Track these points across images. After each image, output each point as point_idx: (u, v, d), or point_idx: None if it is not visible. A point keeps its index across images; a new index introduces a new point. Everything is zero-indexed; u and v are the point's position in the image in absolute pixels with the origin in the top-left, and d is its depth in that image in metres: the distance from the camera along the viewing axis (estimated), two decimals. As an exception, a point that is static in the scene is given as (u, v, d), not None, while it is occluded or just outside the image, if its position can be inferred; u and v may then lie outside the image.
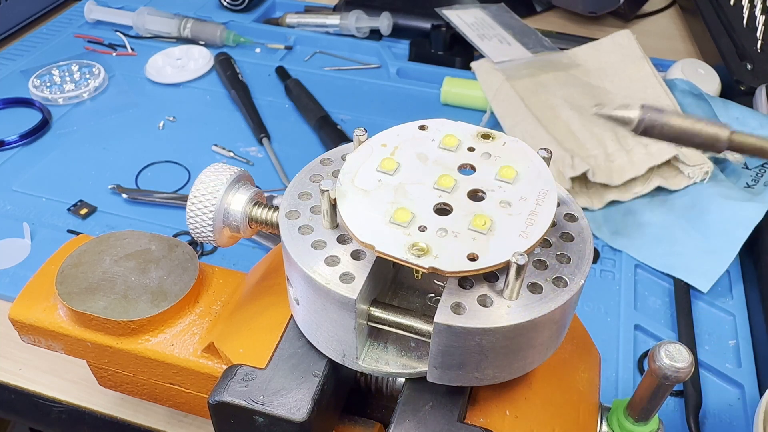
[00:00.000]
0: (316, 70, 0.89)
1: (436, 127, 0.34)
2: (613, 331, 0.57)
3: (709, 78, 0.80)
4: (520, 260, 0.26)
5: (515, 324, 0.27)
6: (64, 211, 0.67)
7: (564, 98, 0.74)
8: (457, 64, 0.89)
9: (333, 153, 0.36)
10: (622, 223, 0.66)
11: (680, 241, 0.63)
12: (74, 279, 0.41)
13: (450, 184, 0.30)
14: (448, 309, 0.28)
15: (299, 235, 0.31)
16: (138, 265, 0.42)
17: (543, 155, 0.32)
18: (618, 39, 0.81)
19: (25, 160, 0.74)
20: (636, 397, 0.34)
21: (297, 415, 0.30)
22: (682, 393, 0.52)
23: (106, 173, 0.72)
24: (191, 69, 0.87)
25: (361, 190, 0.30)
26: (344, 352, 0.31)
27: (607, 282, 0.61)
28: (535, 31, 0.89)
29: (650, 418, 0.35)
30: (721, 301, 0.60)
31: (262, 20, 0.99)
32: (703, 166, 0.66)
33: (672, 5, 1.08)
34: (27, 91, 0.83)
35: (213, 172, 0.37)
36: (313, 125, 0.78)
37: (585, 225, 0.32)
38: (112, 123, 0.80)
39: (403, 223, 0.29)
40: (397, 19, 0.94)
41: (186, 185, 0.71)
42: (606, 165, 0.67)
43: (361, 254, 0.30)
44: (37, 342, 0.43)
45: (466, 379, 0.30)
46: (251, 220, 0.37)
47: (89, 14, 0.97)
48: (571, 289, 0.29)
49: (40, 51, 0.92)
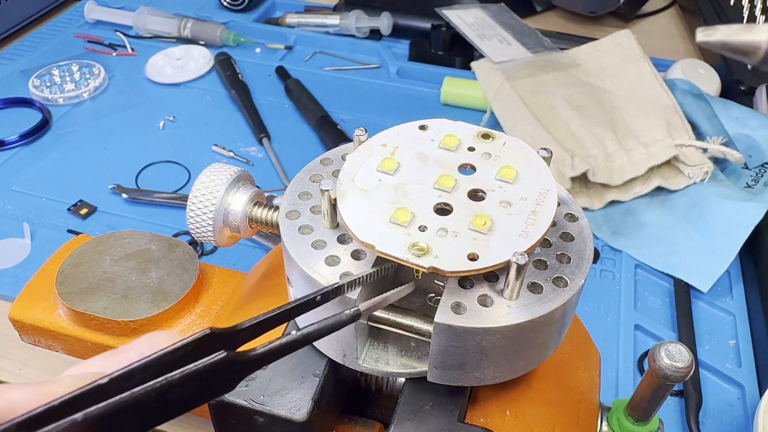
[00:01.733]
0: (316, 70, 0.89)
1: (436, 127, 0.34)
2: (613, 331, 0.57)
3: (709, 78, 0.80)
4: (520, 260, 0.26)
5: (515, 324, 0.27)
6: (64, 211, 0.67)
7: (564, 98, 0.74)
8: (457, 64, 0.89)
9: (333, 153, 0.36)
10: (622, 223, 0.66)
11: (680, 241, 0.63)
12: (74, 279, 0.41)
13: (450, 184, 0.30)
14: (448, 309, 0.28)
15: (299, 234, 0.31)
16: (138, 265, 0.42)
17: (543, 155, 0.32)
18: (618, 39, 0.81)
19: (25, 160, 0.74)
20: (636, 397, 0.34)
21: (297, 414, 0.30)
22: (682, 393, 0.52)
23: (106, 173, 0.72)
24: (191, 69, 0.87)
25: (361, 190, 0.30)
26: (344, 351, 0.31)
27: (607, 282, 0.61)
28: (535, 31, 0.89)
29: (650, 417, 0.35)
30: (721, 301, 0.60)
31: (262, 20, 0.99)
32: (703, 166, 0.66)
33: (672, 5, 1.08)
34: (27, 91, 0.83)
35: (213, 172, 0.37)
36: (313, 125, 0.78)
37: (585, 225, 0.32)
38: (112, 123, 0.80)
39: (404, 223, 0.29)
40: (397, 19, 0.94)
41: (186, 185, 0.71)
42: (606, 165, 0.67)
43: (361, 254, 0.30)
44: (37, 342, 0.43)
45: (466, 378, 0.30)
46: (251, 220, 0.37)
47: (89, 14, 0.97)
48: (571, 289, 0.29)
49: (40, 51, 0.92)
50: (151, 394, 0.19)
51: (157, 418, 0.20)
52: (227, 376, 0.22)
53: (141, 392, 0.19)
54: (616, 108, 0.74)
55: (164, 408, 0.20)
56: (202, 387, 0.21)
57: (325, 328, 0.24)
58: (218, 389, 0.22)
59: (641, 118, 0.71)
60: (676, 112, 0.72)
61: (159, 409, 0.20)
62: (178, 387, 0.20)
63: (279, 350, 0.23)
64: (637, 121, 0.71)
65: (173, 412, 0.21)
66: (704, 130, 0.72)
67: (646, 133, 0.69)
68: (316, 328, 0.24)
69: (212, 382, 0.21)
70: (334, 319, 0.25)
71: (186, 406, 0.21)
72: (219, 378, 0.21)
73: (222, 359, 0.21)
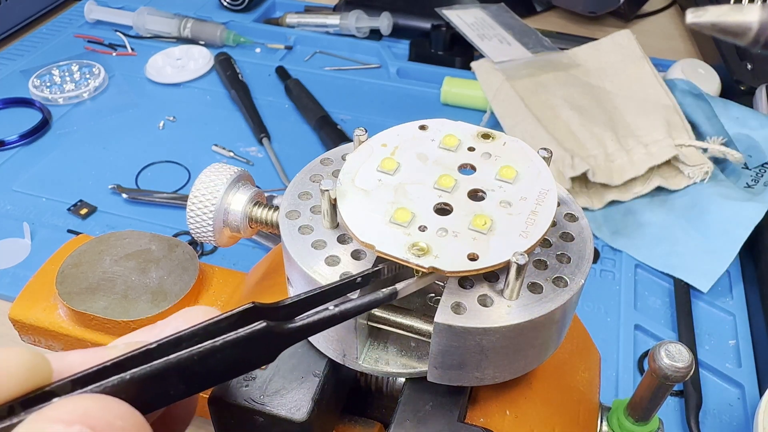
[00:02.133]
0: (316, 70, 0.89)
1: (436, 127, 0.34)
2: (613, 331, 0.57)
3: (709, 78, 0.80)
4: (520, 260, 0.26)
5: (515, 324, 0.27)
6: (64, 211, 0.67)
7: (564, 98, 0.74)
8: (457, 64, 0.89)
9: (333, 153, 0.36)
10: (622, 223, 0.66)
11: (680, 241, 0.63)
12: (74, 279, 0.41)
13: (450, 183, 0.30)
14: (448, 309, 0.28)
15: (299, 234, 0.31)
16: (138, 265, 0.42)
17: (543, 155, 0.32)
18: (618, 39, 0.81)
19: (25, 160, 0.74)
20: (636, 397, 0.34)
21: (297, 415, 0.30)
22: (682, 393, 0.52)
23: (106, 173, 0.72)
24: (191, 69, 0.87)
25: (361, 190, 0.30)
26: (344, 351, 0.31)
27: (607, 282, 0.61)
28: (535, 31, 0.89)
29: (650, 418, 0.35)
30: (721, 301, 0.60)
31: (262, 20, 0.99)
32: (703, 166, 0.66)
33: (672, 5, 1.08)
34: (27, 91, 0.83)
35: (213, 172, 0.37)
36: (313, 125, 0.78)
37: (585, 225, 0.32)
38: (112, 123, 0.80)
39: (404, 223, 0.29)
40: (397, 19, 0.94)
41: (186, 185, 0.71)
42: (606, 165, 0.67)
43: (361, 254, 0.30)
44: (37, 342, 0.43)
45: (466, 378, 0.30)
46: (251, 220, 0.37)
47: (89, 14, 0.97)
48: (571, 289, 0.29)
49: (40, 51, 0.92)
50: (194, 358, 0.21)
51: (199, 382, 0.21)
52: (266, 347, 0.23)
53: (184, 356, 0.20)
54: (616, 108, 0.74)
55: (206, 373, 0.21)
56: (243, 355, 0.22)
57: (362, 305, 0.25)
58: (258, 359, 0.23)
59: (641, 118, 0.71)
60: (676, 112, 0.72)
61: (201, 374, 0.21)
62: (219, 353, 0.21)
63: (317, 324, 0.24)
64: (637, 121, 0.71)
65: (215, 378, 0.22)
66: (704, 130, 0.72)
67: (646, 133, 0.69)
68: (353, 305, 0.25)
69: (252, 351, 0.22)
70: (372, 297, 0.26)
71: (227, 373, 0.22)
72: (258, 348, 0.22)
73: (262, 329, 0.22)
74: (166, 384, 0.21)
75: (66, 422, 0.17)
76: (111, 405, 0.19)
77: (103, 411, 0.18)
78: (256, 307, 0.23)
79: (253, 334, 0.22)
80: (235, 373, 0.23)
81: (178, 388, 0.21)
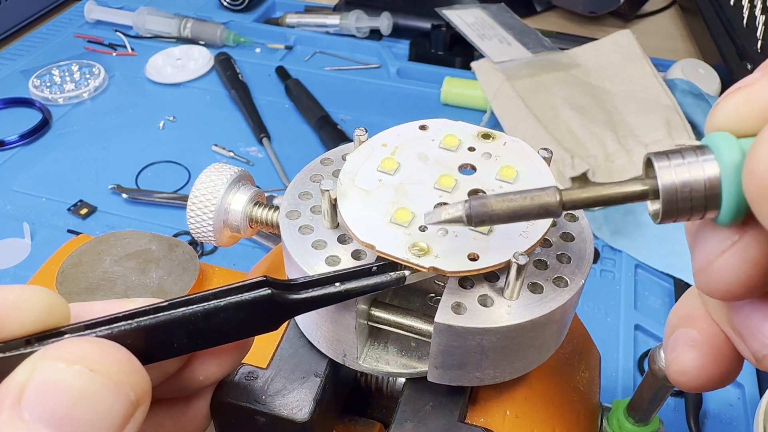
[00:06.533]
0: (316, 70, 0.89)
1: (436, 127, 0.34)
2: (613, 331, 0.57)
3: (709, 78, 0.80)
4: (520, 260, 0.26)
5: (516, 324, 0.27)
6: (64, 211, 0.67)
7: (564, 98, 0.74)
8: (457, 64, 0.89)
9: (333, 153, 0.36)
10: (622, 223, 0.66)
11: (680, 241, 0.63)
12: (74, 279, 0.41)
13: (450, 183, 0.30)
14: (448, 309, 0.28)
15: (300, 234, 0.31)
16: (138, 265, 0.42)
17: (543, 155, 0.32)
18: (618, 39, 0.81)
19: (25, 160, 0.74)
20: (636, 397, 0.34)
21: (299, 415, 0.30)
22: (682, 393, 0.52)
23: (106, 173, 0.72)
24: (191, 69, 0.87)
25: (361, 190, 0.30)
26: (345, 352, 0.31)
27: (607, 282, 0.61)
28: (535, 31, 0.89)
29: (650, 418, 0.35)
30: (721, 301, 0.60)
31: (262, 20, 0.99)
32: (703, 166, 0.66)
33: (672, 5, 1.08)
34: (27, 91, 0.83)
35: (213, 172, 0.37)
36: (313, 125, 0.78)
37: (585, 225, 0.32)
38: (112, 123, 0.80)
39: (404, 223, 0.29)
40: (397, 19, 0.94)
41: (186, 185, 0.71)
42: (606, 165, 0.67)
43: (361, 254, 0.30)
44: (37, 342, 0.43)
45: (466, 379, 0.30)
46: (251, 220, 0.37)
47: (89, 14, 0.97)
48: (571, 289, 0.29)
49: (40, 51, 0.92)
50: (198, 314, 0.22)
51: (203, 339, 0.23)
52: (269, 313, 0.24)
53: (189, 311, 0.22)
54: (616, 108, 0.74)
55: (209, 330, 0.23)
56: (246, 318, 0.23)
57: (368, 286, 0.26)
58: (260, 326, 0.24)
59: (641, 118, 0.71)
60: (676, 112, 0.72)
61: (205, 330, 0.22)
62: (223, 312, 0.22)
63: (320, 299, 0.25)
64: (637, 120, 0.71)
65: (218, 337, 0.23)
66: (704, 130, 0.72)
67: (646, 132, 0.69)
68: (358, 285, 0.25)
69: (255, 316, 0.23)
70: (378, 279, 0.26)
71: (230, 334, 0.23)
72: (262, 314, 0.23)
73: (266, 295, 0.23)
74: (171, 336, 0.22)
75: (68, 361, 0.19)
76: (110, 349, 0.20)
77: (101, 354, 0.20)
78: (267, 281, 0.24)
79: (256, 299, 0.23)
80: (239, 335, 0.24)
81: (182, 342, 0.22)
